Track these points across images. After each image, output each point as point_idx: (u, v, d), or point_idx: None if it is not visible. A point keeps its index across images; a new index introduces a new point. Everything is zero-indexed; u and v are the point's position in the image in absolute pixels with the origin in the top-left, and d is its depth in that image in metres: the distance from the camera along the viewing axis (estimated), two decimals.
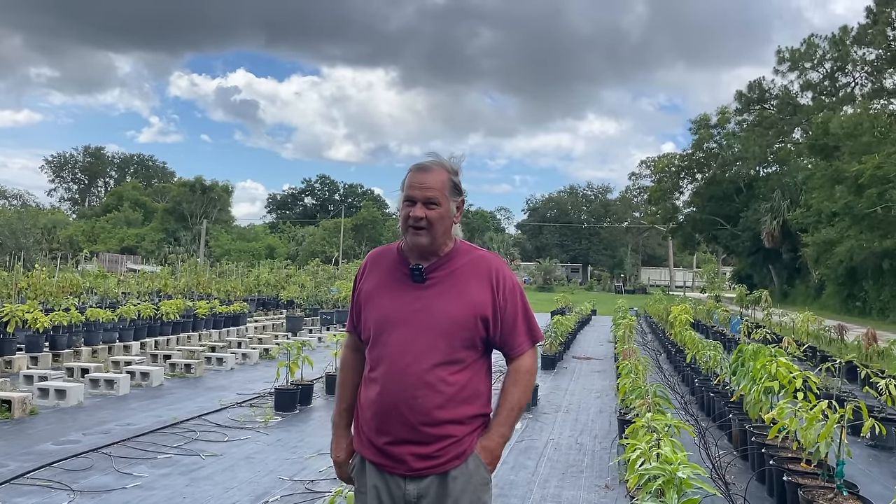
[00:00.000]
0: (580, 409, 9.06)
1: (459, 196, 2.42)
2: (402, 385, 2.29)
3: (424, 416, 2.28)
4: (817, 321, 15.63)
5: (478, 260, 2.42)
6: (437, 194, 2.33)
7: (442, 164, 2.40)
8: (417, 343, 2.30)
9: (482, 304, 2.34)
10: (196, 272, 25.22)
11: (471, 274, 2.38)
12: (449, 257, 2.40)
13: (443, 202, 2.34)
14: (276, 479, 5.58)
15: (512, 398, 2.40)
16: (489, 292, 2.36)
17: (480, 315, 2.33)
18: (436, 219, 2.32)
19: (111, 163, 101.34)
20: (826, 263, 33.82)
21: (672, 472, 3.17)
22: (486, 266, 2.40)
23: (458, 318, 2.31)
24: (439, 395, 2.28)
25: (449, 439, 2.30)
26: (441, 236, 2.37)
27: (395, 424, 2.30)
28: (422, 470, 2.31)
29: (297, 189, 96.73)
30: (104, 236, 67.64)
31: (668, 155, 63.12)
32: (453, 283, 2.36)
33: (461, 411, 2.32)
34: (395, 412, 2.30)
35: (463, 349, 2.32)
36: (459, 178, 2.43)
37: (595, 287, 71.55)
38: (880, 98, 41.95)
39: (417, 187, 2.33)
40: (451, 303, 2.33)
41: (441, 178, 2.36)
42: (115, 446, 6.32)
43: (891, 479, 6.06)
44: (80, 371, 9.70)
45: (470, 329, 2.32)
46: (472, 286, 2.35)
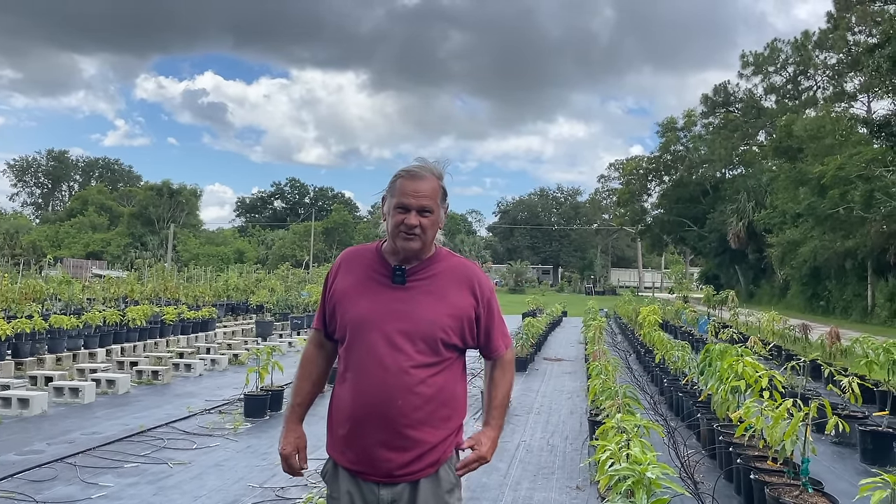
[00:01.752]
0: (551, 411, 9.10)
1: (446, 202, 2.45)
2: (381, 388, 2.27)
3: (402, 419, 2.26)
4: (782, 321, 15.91)
5: (458, 266, 2.45)
6: (430, 203, 2.34)
7: (432, 170, 2.40)
8: (397, 345, 2.28)
9: (464, 309, 2.38)
10: (163, 277, 24.87)
11: (451, 279, 2.40)
12: (430, 261, 2.41)
13: (435, 210, 2.36)
14: (245, 486, 5.52)
15: (500, 392, 2.55)
16: (471, 298, 2.40)
17: (459, 320, 2.36)
18: (429, 226, 2.34)
19: (75, 166, 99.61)
20: (790, 264, 34.47)
21: (641, 472, 3.20)
22: (467, 272, 2.44)
23: (438, 320, 2.31)
24: (418, 398, 2.27)
25: (425, 445, 2.30)
26: (430, 241, 2.40)
27: (372, 429, 2.28)
28: (397, 476, 2.30)
29: (267, 192, 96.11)
30: (69, 241, 66.38)
31: (637, 157, 64.01)
32: (434, 287, 2.36)
33: (438, 414, 2.32)
34: (373, 416, 2.27)
35: (442, 351, 2.33)
36: (444, 184, 2.45)
37: (566, 288, 72.08)
38: (841, 101, 42.88)
39: (412, 195, 2.32)
40: (432, 305, 2.33)
41: (433, 185, 2.37)
42: (81, 456, 6.20)
43: (855, 476, 6.18)
44: (43, 379, 9.49)
45: (449, 332, 2.33)
46: (454, 291, 2.38)
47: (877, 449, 6.66)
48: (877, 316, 28.31)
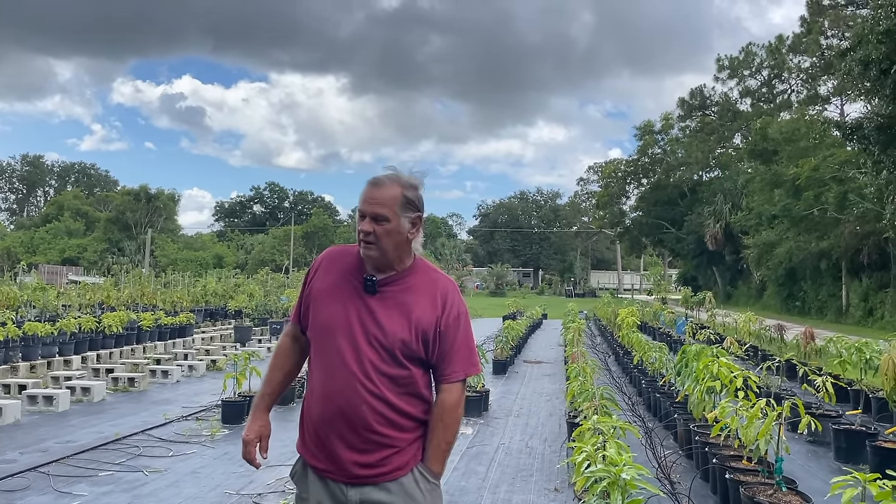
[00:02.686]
0: (531, 413, 9.13)
1: (415, 212, 2.37)
2: (345, 394, 2.29)
3: (366, 425, 2.28)
4: (759, 321, 16.09)
5: (431, 281, 2.42)
6: (385, 210, 2.31)
7: (398, 178, 2.38)
8: (362, 353, 2.30)
9: (425, 324, 2.33)
10: (140, 283, 24.63)
11: (421, 293, 2.37)
12: (404, 274, 2.40)
13: (392, 218, 2.32)
14: (222, 493, 5.47)
15: (438, 436, 2.37)
16: (434, 313, 2.35)
17: (422, 334, 2.33)
18: (382, 234, 2.31)
19: (51, 171, 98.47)
20: (767, 265, 34.89)
21: (617, 473, 3.22)
22: (436, 288, 2.40)
23: (400, 334, 2.31)
24: (381, 405, 2.29)
25: (390, 449, 2.31)
26: (392, 251, 2.35)
27: (338, 431, 2.30)
28: (364, 477, 2.31)
29: (246, 197, 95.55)
30: (44, 247, 65.51)
31: (615, 160, 64.47)
32: (403, 300, 2.35)
33: (401, 421, 2.33)
34: (338, 420, 2.30)
35: (405, 363, 2.33)
36: (418, 193, 2.39)
37: (546, 291, 72.39)
38: (815, 104, 43.53)
39: (368, 202, 2.33)
40: (397, 319, 2.32)
41: (392, 193, 2.33)
42: (54, 465, 6.11)
43: (828, 474, 6.26)
44: (17, 387, 9.35)
45: (411, 347, 2.32)
46: (420, 305, 2.35)
47: (850, 447, 6.74)
48: (851, 316, 28.73)
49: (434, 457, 2.38)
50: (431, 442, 2.37)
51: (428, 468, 2.37)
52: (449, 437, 2.39)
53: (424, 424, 2.40)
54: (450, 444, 2.41)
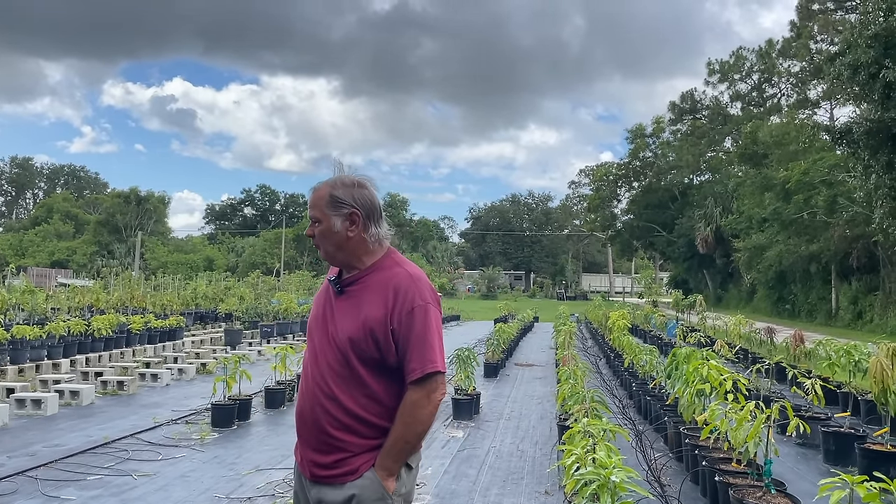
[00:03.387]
0: (522, 416, 9.13)
1: (346, 209, 2.38)
2: (308, 395, 2.40)
3: (320, 427, 2.35)
4: (749, 324, 16.15)
5: (389, 276, 2.37)
6: (316, 212, 2.42)
7: (332, 180, 2.45)
8: (321, 355, 2.39)
9: (372, 321, 2.30)
10: (130, 286, 24.46)
11: (375, 290, 2.35)
12: (366, 272, 2.42)
13: (322, 219, 2.40)
14: (212, 497, 5.44)
15: (396, 433, 2.31)
16: (383, 309, 2.31)
17: (370, 332, 2.30)
18: (319, 235, 2.42)
19: (40, 173, 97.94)
20: (757, 268, 35.04)
21: (606, 476, 3.22)
22: (389, 283, 2.34)
23: (352, 334, 2.32)
24: (335, 409, 2.33)
25: (344, 452, 2.33)
26: (336, 252, 2.41)
27: (304, 430, 2.41)
28: (321, 477, 2.37)
29: (237, 199, 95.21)
30: (33, 250, 65.15)
31: (606, 164, 64.60)
32: (359, 299, 2.37)
33: (357, 427, 2.33)
34: (302, 419, 2.41)
35: (358, 365, 2.32)
36: (351, 191, 2.39)
37: (537, 294, 72.47)
38: (805, 108, 43.81)
39: (308, 207, 2.46)
40: (350, 318, 2.35)
41: (320, 194, 2.41)
42: (42, 469, 6.07)
43: (817, 476, 6.28)
44: (5, 391, 9.28)
45: (360, 346, 2.30)
46: (370, 302, 2.33)
47: (839, 450, 6.78)
48: (840, 319, 28.88)
49: (388, 452, 2.31)
50: (390, 437, 2.32)
51: (381, 467, 2.30)
52: (408, 435, 2.30)
53: (386, 432, 2.35)
54: (408, 444, 2.32)
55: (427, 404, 2.30)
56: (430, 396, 2.30)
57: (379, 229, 2.43)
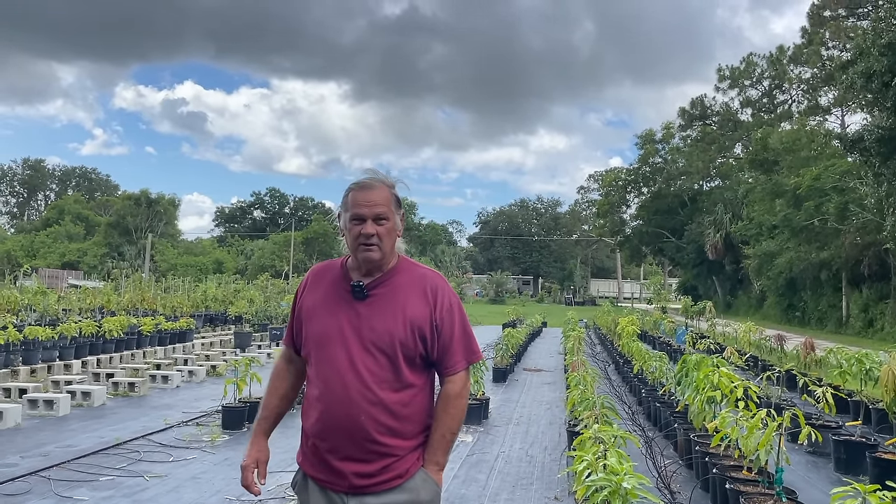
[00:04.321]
0: (531, 422, 9.13)
1: (401, 209, 2.46)
2: (344, 404, 2.29)
3: (365, 435, 2.28)
4: (759, 331, 16.09)
5: (418, 277, 2.43)
6: (384, 210, 2.36)
7: (382, 180, 2.44)
8: (358, 360, 2.31)
9: (419, 320, 2.34)
10: (140, 288, 24.62)
11: (410, 290, 2.38)
12: (391, 274, 2.42)
13: (390, 217, 2.38)
14: (222, 498, 5.48)
15: (443, 426, 2.38)
16: (427, 308, 2.36)
17: (418, 331, 2.33)
18: (385, 234, 2.35)
19: (52, 175, 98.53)
20: (767, 275, 34.89)
21: (617, 482, 3.22)
22: (424, 282, 2.41)
23: (397, 334, 2.31)
24: (381, 414, 2.29)
25: (390, 458, 2.31)
26: (389, 251, 2.40)
27: (339, 441, 2.31)
28: (363, 487, 2.31)
29: (247, 202, 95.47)
30: (44, 251, 65.54)
31: (616, 169, 64.50)
32: (393, 300, 2.36)
33: (402, 429, 2.33)
34: (338, 430, 2.30)
35: (403, 366, 2.32)
36: (398, 192, 2.47)
37: (546, 299, 72.32)
38: (816, 115, 43.63)
39: (365, 205, 2.35)
40: (390, 319, 2.33)
41: (385, 193, 2.40)
42: (55, 469, 6.12)
43: (828, 485, 6.26)
44: (17, 391, 9.37)
45: (409, 346, 2.32)
46: (411, 302, 2.36)
47: (850, 458, 6.75)
48: (851, 327, 28.70)
49: (438, 447, 2.37)
50: (436, 432, 2.37)
51: (432, 462, 2.36)
52: (453, 426, 2.39)
53: (427, 430, 2.39)
54: (454, 435, 2.41)
55: (466, 393, 2.44)
56: (467, 386, 2.44)
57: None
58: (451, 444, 2.43)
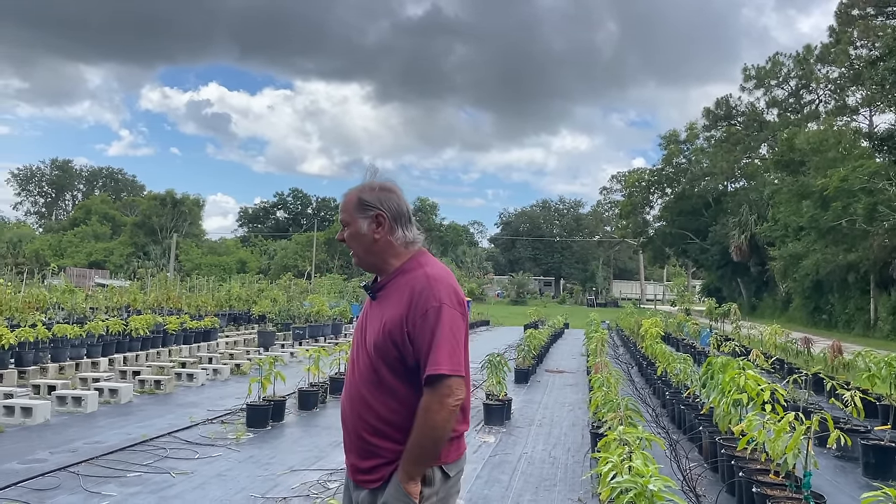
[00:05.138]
0: (553, 423, 9.10)
1: (371, 211, 2.43)
2: (348, 399, 2.45)
3: (356, 430, 2.40)
4: (784, 334, 15.90)
5: (410, 279, 2.37)
6: (345, 216, 2.49)
7: (360, 185, 2.51)
8: (357, 362, 2.44)
9: (391, 324, 2.31)
10: (166, 287, 24.89)
11: (399, 293, 2.36)
12: (393, 275, 2.45)
13: (351, 222, 2.46)
14: (247, 496, 5.52)
15: (412, 437, 2.27)
16: (401, 312, 2.30)
17: (389, 335, 2.31)
18: (349, 239, 2.48)
19: (79, 176, 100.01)
20: (793, 277, 34.44)
21: (643, 484, 3.21)
22: (411, 284, 2.34)
23: (377, 337, 2.35)
24: (367, 413, 2.36)
25: (379, 458, 2.35)
26: (365, 255, 2.47)
27: (346, 435, 2.48)
28: (360, 482, 2.42)
29: (270, 203, 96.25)
30: (71, 250, 66.55)
31: (639, 170, 64.07)
32: (384, 303, 2.41)
33: (389, 432, 2.34)
34: (345, 425, 2.47)
35: (383, 369, 2.33)
36: (376, 194, 2.45)
37: (567, 300, 72.03)
38: (844, 115, 42.97)
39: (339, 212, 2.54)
40: (377, 322, 2.38)
41: (349, 198, 2.50)
42: (83, 465, 6.21)
43: (856, 489, 6.18)
44: (46, 388, 9.51)
45: (382, 349, 2.32)
46: (392, 305, 2.35)
47: (879, 463, 6.65)
48: (879, 330, 28.25)
49: (407, 457, 2.28)
50: (408, 442, 2.29)
51: (402, 471, 2.28)
52: (422, 440, 2.24)
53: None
54: (423, 448, 2.26)
55: (440, 409, 2.22)
56: (443, 401, 2.22)
57: (407, 232, 2.46)
58: (423, 457, 2.28)
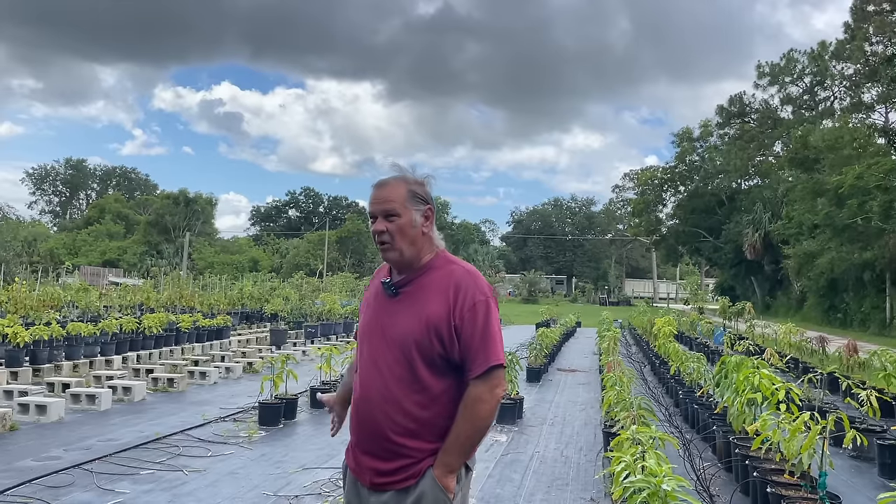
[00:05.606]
0: (565, 422, 9.07)
1: (424, 205, 2.38)
2: (369, 400, 2.34)
3: (382, 433, 2.31)
4: (799, 333, 15.76)
5: (447, 274, 2.36)
6: (394, 205, 2.33)
7: (403, 176, 2.41)
8: (382, 358, 2.34)
9: (436, 319, 2.27)
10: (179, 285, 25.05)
11: (436, 288, 2.33)
12: (422, 271, 2.39)
13: (402, 213, 2.33)
14: (260, 494, 5.53)
15: (458, 428, 2.27)
16: (446, 307, 2.28)
17: (434, 330, 2.27)
18: (395, 231, 2.32)
19: (93, 175, 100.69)
20: (807, 275, 34.18)
21: (657, 484, 3.19)
22: (450, 280, 2.33)
23: (415, 333, 2.28)
24: (397, 413, 2.29)
25: (407, 458, 2.30)
26: (409, 248, 2.35)
27: (363, 436, 2.37)
28: (380, 485, 2.33)
29: (282, 201, 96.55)
30: (86, 249, 67.02)
31: (652, 168, 63.67)
32: (418, 298, 2.34)
33: (420, 431, 2.30)
34: (362, 425, 2.37)
35: (421, 366, 2.29)
36: (424, 188, 2.41)
37: (579, 299, 71.81)
38: (859, 112, 42.54)
39: (375, 202, 2.36)
40: (411, 318, 2.31)
41: (398, 189, 2.36)
42: (97, 462, 6.25)
43: (872, 490, 6.11)
44: (60, 386, 9.58)
45: (425, 345, 2.27)
46: (433, 301, 2.31)
47: (895, 463, 6.58)
48: (895, 328, 27.99)
49: (451, 448, 2.27)
50: (451, 433, 2.28)
51: (442, 463, 2.27)
52: (469, 429, 2.26)
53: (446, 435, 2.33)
54: (469, 439, 2.28)
55: (490, 399, 2.26)
56: (493, 391, 2.27)
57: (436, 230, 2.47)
58: (468, 449, 2.31)
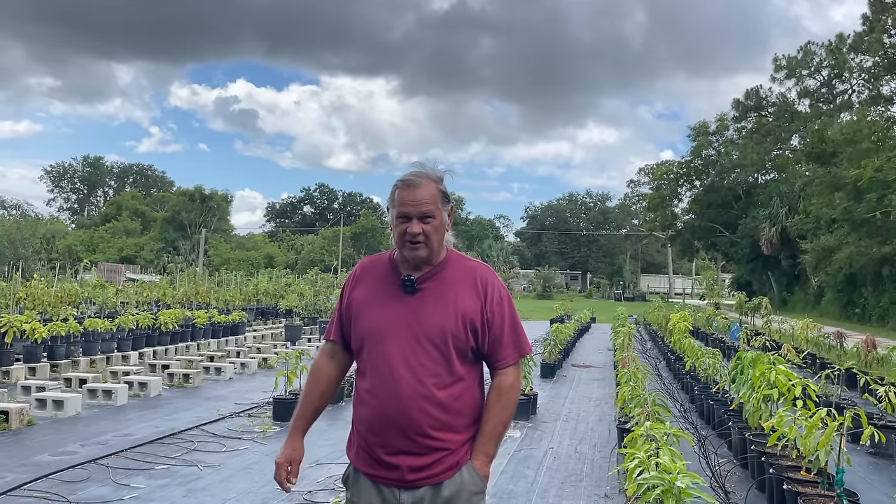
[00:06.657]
0: (579, 418, 9.03)
1: (449, 204, 2.44)
2: (397, 398, 2.29)
3: (418, 430, 2.29)
4: (816, 328, 15.59)
5: (468, 270, 2.44)
6: (431, 208, 2.35)
7: (429, 175, 2.41)
8: (410, 354, 2.31)
9: (471, 313, 2.35)
10: (195, 281, 25.19)
11: (460, 283, 2.39)
12: (441, 267, 2.42)
13: (437, 214, 2.37)
14: (274, 489, 5.54)
15: (495, 417, 2.39)
16: (478, 301, 2.37)
17: (469, 323, 2.34)
18: (431, 232, 2.35)
19: (110, 172, 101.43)
20: (825, 270, 33.81)
21: (671, 481, 3.15)
22: (475, 275, 2.42)
23: (447, 327, 2.32)
24: (434, 409, 2.29)
25: (443, 451, 2.32)
26: (437, 246, 2.39)
27: (391, 436, 2.31)
28: (416, 481, 2.31)
29: (296, 198, 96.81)
30: (103, 246, 67.55)
31: (667, 162, 63.17)
32: (443, 293, 2.37)
33: (454, 423, 2.33)
34: (391, 424, 2.31)
35: (455, 359, 2.33)
36: (445, 186, 2.45)
37: (594, 294, 71.55)
38: (877, 105, 42.02)
39: (411, 204, 2.34)
40: (441, 312, 2.33)
41: (431, 190, 2.37)
42: (113, 457, 6.30)
43: (891, 487, 6.04)
44: (77, 381, 9.66)
45: (460, 338, 2.33)
46: (461, 295, 2.37)
47: None
48: None
49: (489, 438, 2.38)
50: (488, 423, 2.38)
51: (482, 453, 2.36)
52: (505, 417, 2.40)
53: (477, 423, 2.39)
54: (505, 427, 2.42)
55: (518, 385, 2.46)
56: (519, 378, 2.46)
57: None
58: (502, 436, 2.45)
